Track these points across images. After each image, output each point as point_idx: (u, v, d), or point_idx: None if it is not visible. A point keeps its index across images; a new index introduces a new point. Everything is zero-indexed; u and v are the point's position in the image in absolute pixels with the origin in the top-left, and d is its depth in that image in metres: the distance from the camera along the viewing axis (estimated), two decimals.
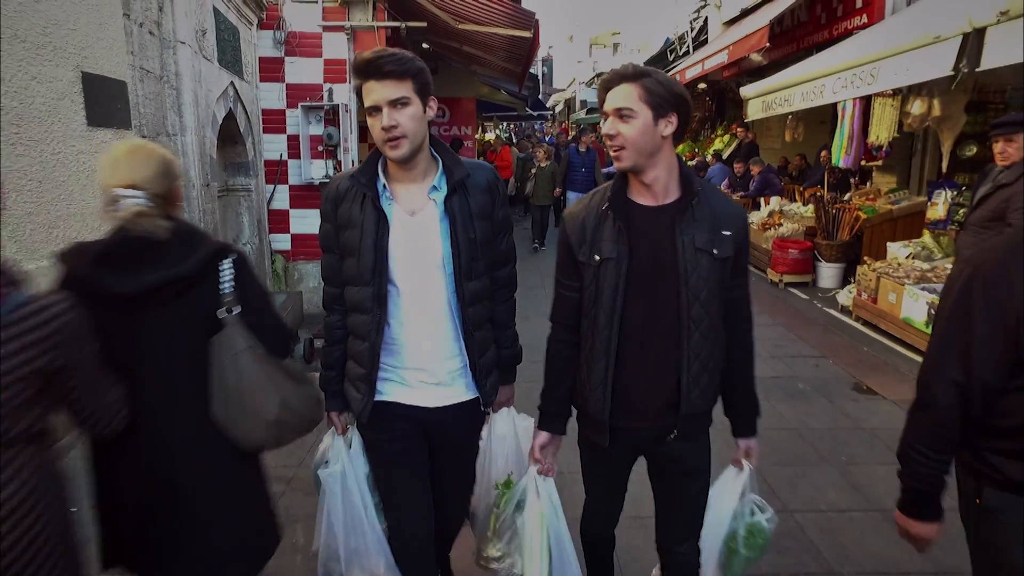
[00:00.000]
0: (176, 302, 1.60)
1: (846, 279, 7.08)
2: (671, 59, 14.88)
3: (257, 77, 6.87)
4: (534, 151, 11.33)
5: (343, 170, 1.69)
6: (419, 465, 1.90)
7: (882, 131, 5.80)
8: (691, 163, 12.84)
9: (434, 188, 1.76)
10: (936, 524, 1.51)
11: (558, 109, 35.98)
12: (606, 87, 1.62)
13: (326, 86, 7.43)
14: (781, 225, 8.03)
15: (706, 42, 13.07)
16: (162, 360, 1.61)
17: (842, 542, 2.76)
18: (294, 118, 7.44)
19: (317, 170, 7.45)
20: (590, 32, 36.58)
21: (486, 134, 21.41)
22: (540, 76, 32.75)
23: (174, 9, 4.30)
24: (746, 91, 8.11)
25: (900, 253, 5.93)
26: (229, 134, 5.79)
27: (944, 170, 6.22)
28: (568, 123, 27.84)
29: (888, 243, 6.32)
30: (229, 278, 1.64)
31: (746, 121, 9.40)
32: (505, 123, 29.37)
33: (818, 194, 7.76)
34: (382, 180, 1.74)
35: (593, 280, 1.67)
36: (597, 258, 1.66)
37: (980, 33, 3.85)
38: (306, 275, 7.44)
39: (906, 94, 5.63)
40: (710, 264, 1.62)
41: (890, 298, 5.44)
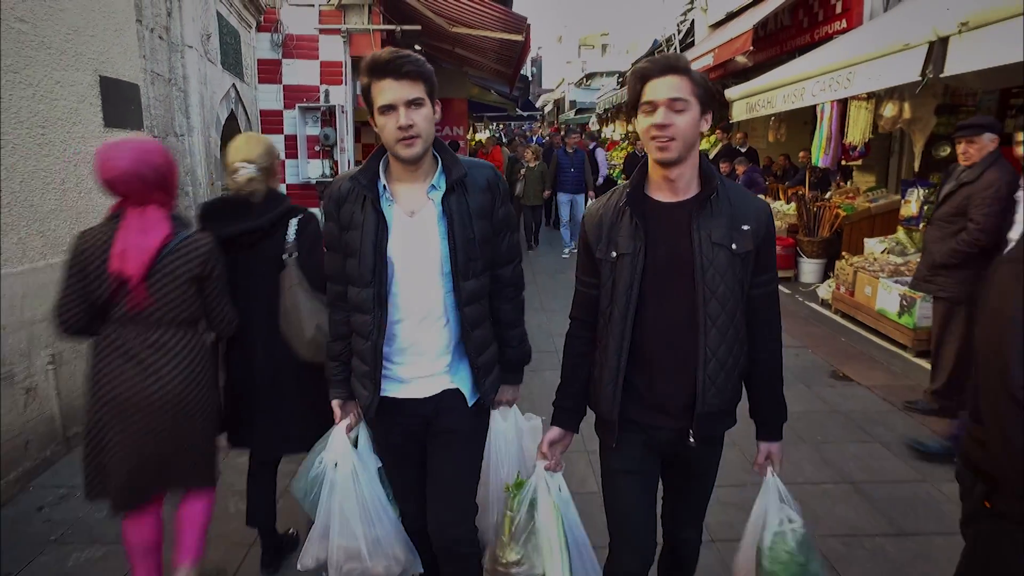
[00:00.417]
0: (258, 246, 2.22)
1: (826, 274, 7.35)
2: None
3: (256, 79, 7.03)
4: (521, 152, 11.27)
5: (342, 170, 1.95)
6: (421, 461, 1.94)
7: (857, 132, 6.08)
8: None
9: (433, 187, 1.77)
10: None
11: (547, 110, 36.24)
12: (646, 76, 1.55)
13: (323, 87, 7.55)
14: None
15: (693, 44, 13.31)
16: (248, 289, 2.23)
17: (815, 510, 3.02)
18: (291, 119, 7.56)
19: (314, 169, 7.62)
20: (579, 33, 36.86)
21: (477, 134, 21.55)
22: (529, 76, 33.00)
23: (182, 14, 4.47)
24: (731, 93, 8.37)
25: (876, 248, 6.21)
26: (231, 134, 5.96)
27: (917, 169, 6.52)
28: (558, 123, 28.05)
29: (865, 239, 6.61)
30: (293, 232, 2.23)
31: (731, 122, 9.63)
32: (495, 123, 29.59)
33: (800, 193, 8.04)
34: (383, 181, 1.75)
35: (610, 276, 1.66)
36: (614, 254, 1.64)
37: (944, 42, 4.12)
38: None
39: (880, 97, 5.91)
40: (728, 259, 1.58)
41: (866, 291, 5.72)
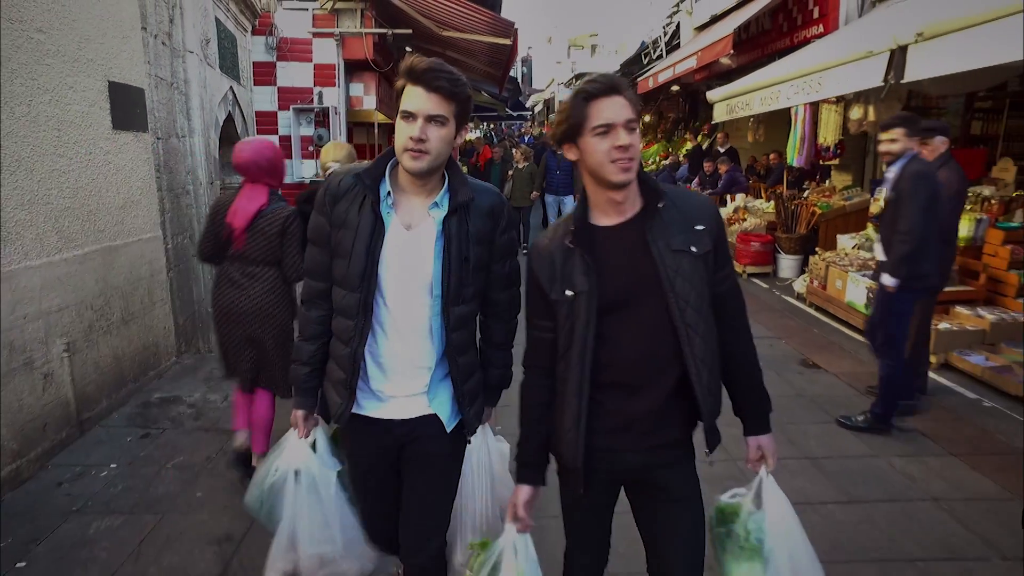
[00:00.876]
0: None
1: (803, 270, 7.64)
2: (645, 62, 15.37)
3: (251, 81, 7.23)
4: (502, 149, 11.15)
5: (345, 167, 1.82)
6: (391, 479, 1.88)
7: (828, 134, 6.37)
8: (665, 162, 13.43)
9: (435, 205, 1.70)
10: None
11: (537, 109, 36.49)
12: (592, 96, 1.47)
13: (316, 89, 7.77)
14: (745, 220, 8.59)
15: (679, 46, 13.60)
16: None
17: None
18: (285, 119, 7.78)
19: (308, 169, 7.84)
20: (569, 34, 37.12)
21: (467, 134, 21.73)
22: (520, 76, 33.19)
23: (183, 21, 4.68)
24: (712, 95, 8.66)
25: (847, 244, 6.50)
26: (228, 135, 6.17)
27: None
28: (548, 123, 28.31)
29: (838, 235, 6.90)
30: None
31: (714, 122, 9.92)
32: (485, 123, 29.85)
33: (778, 191, 8.33)
34: (387, 186, 1.69)
35: (568, 316, 1.54)
36: (569, 293, 1.53)
37: (903, 50, 4.41)
38: None
39: (848, 101, 6.19)
40: (691, 263, 1.52)
41: (837, 284, 6.00)
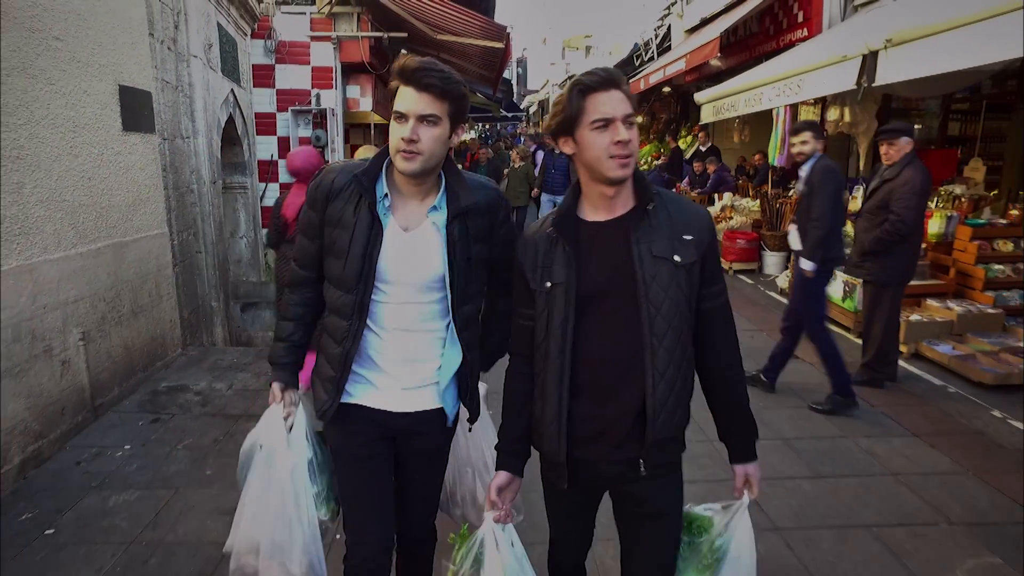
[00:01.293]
0: None
1: (787, 266, 7.88)
2: (637, 64, 15.61)
3: (251, 83, 7.43)
4: (488, 151, 11.15)
5: (340, 162, 1.90)
6: (383, 472, 1.81)
7: None
8: (657, 162, 13.67)
9: (434, 208, 1.68)
10: None
11: (532, 110, 36.73)
12: (589, 89, 1.46)
13: (314, 91, 7.97)
14: (731, 218, 8.84)
15: (670, 48, 13.85)
16: None
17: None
18: (284, 121, 7.98)
19: None
20: (563, 35, 37.34)
21: (463, 134, 21.95)
22: (515, 77, 33.41)
23: (188, 27, 4.89)
24: (699, 97, 8.90)
25: None
26: (228, 136, 6.37)
27: (862, 168, 7.07)
28: (543, 123, 28.55)
29: None
30: None
31: (703, 123, 10.18)
32: (480, 124, 30.11)
33: (763, 190, 8.58)
34: (384, 187, 1.66)
35: (545, 307, 1.55)
36: (548, 284, 1.54)
37: (874, 55, 4.65)
38: None
39: (826, 102, 6.44)
40: (671, 272, 1.48)
41: None
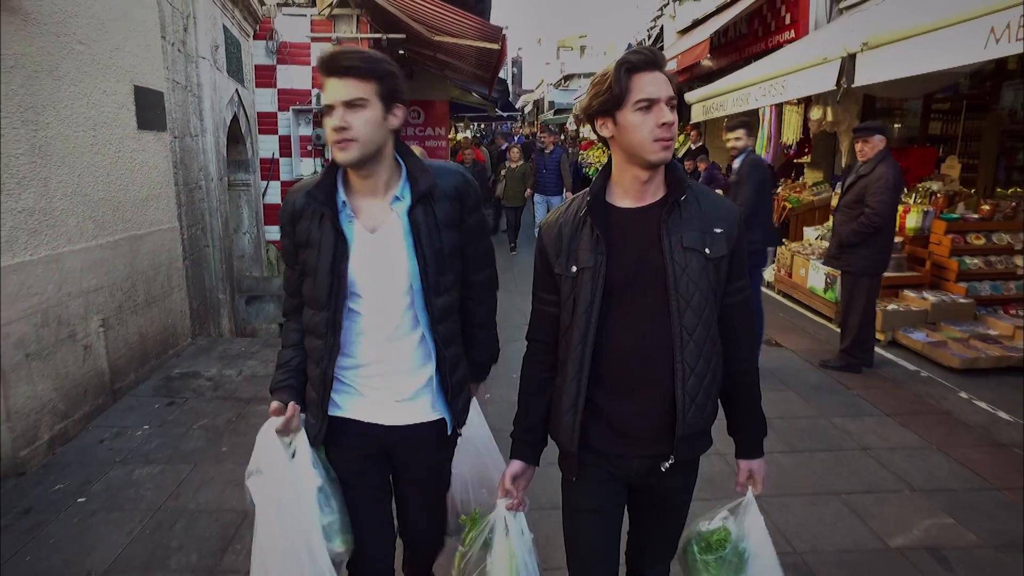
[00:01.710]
0: None
1: (774, 260, 8.14)
2: None
3: (253, 83, 7.63)
4: (472, 152, 10.80)
5: (302, 181, 1.77)
6: (379, 486, 1.76)
7: (790, 133, 6.87)
8: None
9: (396, 199, 1.62)
10: None
11: (527, 110, 36.94)
12: (636, 68, 1.40)
13: (314, 91, 8.14)
14: None
15: (662, 49, 14.12)
16: None
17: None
18: (285, 120, 8.14)
19: (306, 167, 8.24)
20: (558, 35, 37.58)
21: (459, 134, 22.16)
22: (510, 77, 33.59)
23: (196, 29, 5.09)
24: (690, 96, 9.13)
25: (812, 235, 6.99)
26: (233, 135, 6.57)
27: (844, 165, 7.31)
28: (538, 123, 28.78)
29: (804, 227, 7.40)
30: None
31: (694, 122, 10.41)
32: (476, 123, 30.25)
33: None
34: (342, 196, 1.60)
35: (570, 293, 1.51)
36: (574, 268, 1.50)
37: (852, 57, 4.89)
38: None
39: (809, 102, 6.69)
40: (701, 265, 1.46)
41: (801, 272, 6.49)
